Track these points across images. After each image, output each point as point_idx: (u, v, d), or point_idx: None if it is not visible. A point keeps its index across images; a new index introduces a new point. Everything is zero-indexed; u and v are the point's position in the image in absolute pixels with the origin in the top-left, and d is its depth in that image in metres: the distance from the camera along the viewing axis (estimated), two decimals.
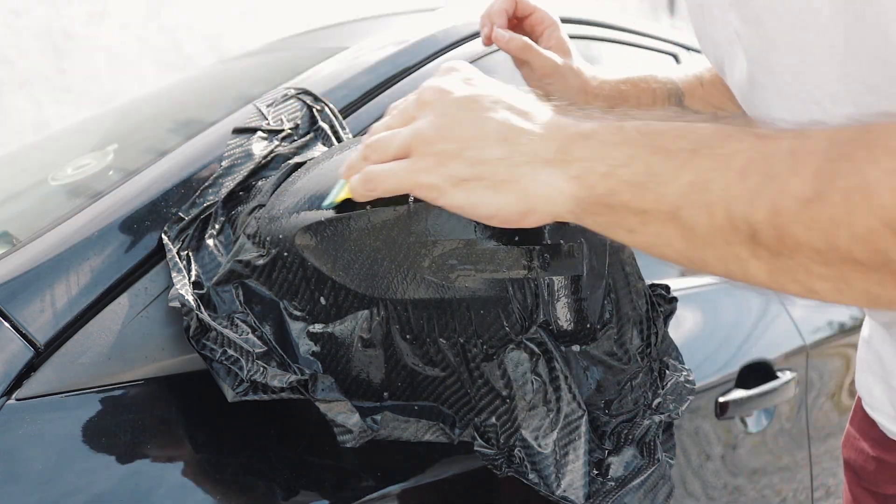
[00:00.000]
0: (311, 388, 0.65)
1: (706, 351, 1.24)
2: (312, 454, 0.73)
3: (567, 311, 0.66)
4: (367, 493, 0.73)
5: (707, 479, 1.19)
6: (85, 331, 0.69)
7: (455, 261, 0.63)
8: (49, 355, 0.66)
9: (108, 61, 4.01)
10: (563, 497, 0.66)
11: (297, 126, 0.85)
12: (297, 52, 1.29)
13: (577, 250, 0.64)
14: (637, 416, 0.73)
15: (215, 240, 0.76)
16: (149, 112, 1.32)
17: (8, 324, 0.66)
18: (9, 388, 0.63)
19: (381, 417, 0.69)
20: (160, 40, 4.16)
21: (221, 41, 4.30)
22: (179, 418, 0.71)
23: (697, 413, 1.18)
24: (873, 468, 0.86)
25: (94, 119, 1.51)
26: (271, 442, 0.73)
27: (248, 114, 0.88)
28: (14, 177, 1.25)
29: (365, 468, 0.74)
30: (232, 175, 0.80)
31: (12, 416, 0.62)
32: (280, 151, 0.81)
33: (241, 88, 1.18)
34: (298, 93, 0.89)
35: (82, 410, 0.66)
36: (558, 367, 0.66)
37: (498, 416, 0.68)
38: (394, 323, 0.67)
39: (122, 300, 0.72)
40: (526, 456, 0.67)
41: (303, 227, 0.67)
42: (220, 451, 0.71)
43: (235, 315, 0.71)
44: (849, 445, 0.91)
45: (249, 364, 0.66)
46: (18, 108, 3.77)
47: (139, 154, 1.00)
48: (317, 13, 4.38)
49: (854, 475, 0.89)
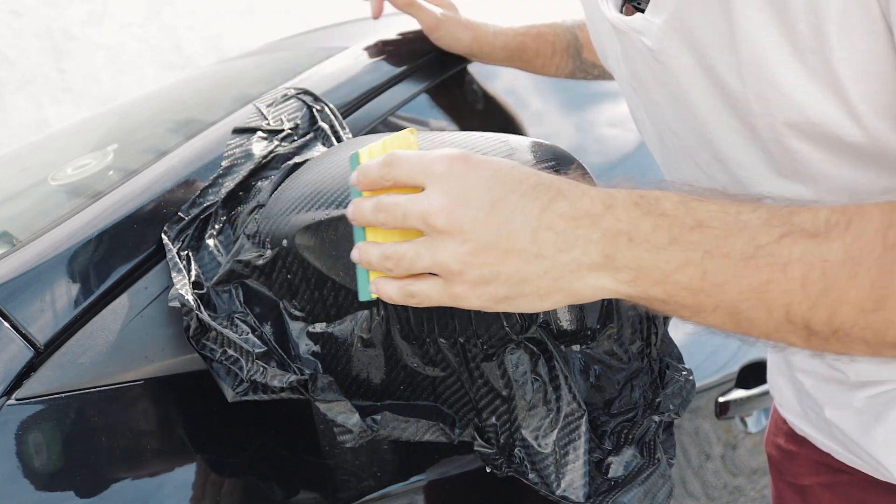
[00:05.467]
0: (310, 388, 0.65)
1: (706, 351, 1.24)
2: (312, 454, 0.73)
3: (567, 311, 0.66)
4: (367, 493, 0.73)
5: (707, 479, 1.19)
6: (85, 331, 0.69)
7: None
8: (49, 355, 0.66)
9: (108, 61, 4.01)
10: (563, 497, 0.66)
11: (296, 126, 0.85)
12: (297, 52, 1.29)
13: None
14: (637, 416, 0.73)
15: (215, 240, 0.76)
16: (149, 112, 1.32)
17: (8, 324, 0.66)
18: (9, 388, 0.63)
19: (380, 417, 0.69)
20: (160, 40, 4.16)
21: (221, 41, 4.30)
22: (179, 418, 0.71)
23: (697, 413, 1.18)
24: (790, 461, 0.90)
25: (94, 119, 1.51)
26: (271, 442, 0.73)
27: (248, 114, 0.88)
28: (14, 177, 1.24)
29: (365, 468, 0.74)
30: (232, 175, 0.80)
31: (12, 416, 0.62)
32: (280, 151, 0.81)
33: (241, 88, 1.18)
34: (298, 93, 0.89)
35: (82, 410, 0.66)
36: (558, 367, 0.66)
37: (498, 415, 0.68)
38: (394, 323, 0.67)
39: (122, 300, 0.72)
40: (526, 456, 0.67)
41: (303, 227, 0.67)
42: (220, 451, 0.71)
43: (235, 315, 0.71)
44: (769, 442, 0.96)
45: (249, 364, 0.66)
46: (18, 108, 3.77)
47: (139, 154, 1.00)
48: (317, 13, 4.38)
49: (777, 470, 0.95)
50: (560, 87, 1.32)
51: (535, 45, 1.10)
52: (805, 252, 0.48)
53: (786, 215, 0.49)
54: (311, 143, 0.84)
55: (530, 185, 0.51)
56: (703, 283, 0.49)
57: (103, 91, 3.95)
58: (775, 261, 0.48)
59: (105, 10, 4.03)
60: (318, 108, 0.88)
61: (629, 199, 0.51)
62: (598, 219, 0.51)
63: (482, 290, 0.52)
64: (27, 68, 3.82)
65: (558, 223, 0.50)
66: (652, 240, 0.50)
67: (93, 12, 4.00)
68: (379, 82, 1.00)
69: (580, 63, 1.13)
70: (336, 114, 0.88)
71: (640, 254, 0.50)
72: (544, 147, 0.66)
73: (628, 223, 0.50)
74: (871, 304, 0.47)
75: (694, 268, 0.49)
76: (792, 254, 0.48)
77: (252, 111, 0.88)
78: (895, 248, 0.46)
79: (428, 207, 0.51)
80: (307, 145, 0.83)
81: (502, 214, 0.50)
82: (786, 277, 0.48)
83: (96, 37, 4.00)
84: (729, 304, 0.50)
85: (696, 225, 0.50)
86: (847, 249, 0.47)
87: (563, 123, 1.33)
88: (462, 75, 1.14)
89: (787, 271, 0.48)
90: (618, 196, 0.51)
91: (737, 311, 0.50)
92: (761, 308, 0.49)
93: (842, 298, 0.47)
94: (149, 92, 1.61)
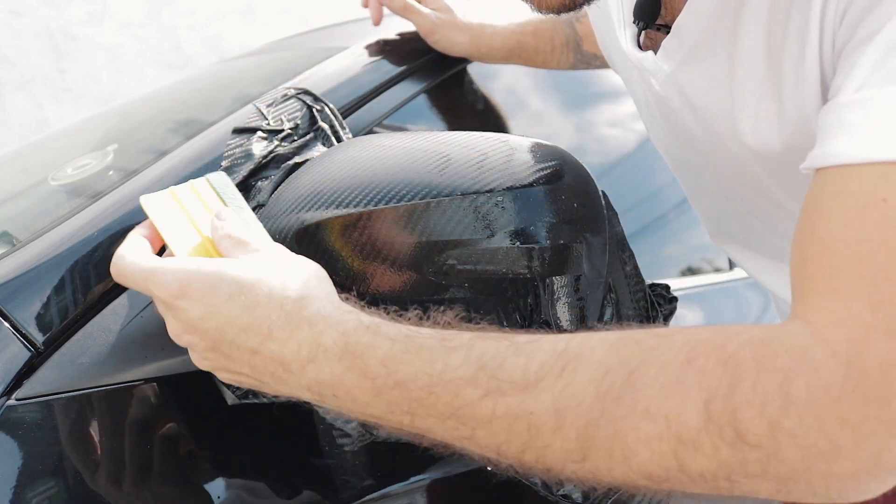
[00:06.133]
0: None
1: None
2: (312, 454, 0.73)
3: (567, 311, 0.66)
4: (367, 493, 0.73)
5: None
6: (85, 331, 0.69)
7: (455, 261, 0.63)
8: (49, 355, 0.66)
9: (108, 61, 4.01)
10: (563, 497, 0.66)
11: (296, 126, 0.85)
12: (297, 52, 1.29)
13: (577, 250, 0.64)
14: None
15: None
16: (149, 112, 1.32)
17: (8, 324, 0.66)
18: (9, 388, 0.63)
19: None
20: (160, 40, 4.16)
21: (221, 41, 4.30)
22: (179, 418, 0.71)
23: None
24: None
25: (94, 119, 1.51)
26: (271, 442, 0.73)
27: (248, 114, 0.88)
28: (14, 177, 1.24)
29: (365, 468, 0.74)
30: (232, 175, 0.80)
31: (12, 416, 0.62)
32: (280, 151, 0.81)
33: (241, 88, 1.18)
34: (298, 93, 0.89)
35: (82, 410, 0.66)
36: None
37: None
38: None
39: (122, 300, 0.72)
40: None
41: (303, 227, 0.67)
42: (220, 452, 0.71)
43: None
44: None
45: None
46: (18, 108, 3.77)
47: (139, 154, 1.00)
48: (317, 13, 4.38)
49: None
50: (560, 87, 1.32)
51: (534, 42, 1.10)
52: (510, 407, 0.48)
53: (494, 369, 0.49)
54: (311, 143, 0.84)
55: (241, 328, 0.55)
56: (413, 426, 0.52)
57: (103, 91, 3.95)
58: (478, 418, 0.49)
59: (105, 10, 4.03)
60: (318, 108, 0.88)
61: (333, 353, 0.52)
62: (302, 369, 0.53)
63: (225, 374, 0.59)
64: (27, 68, 3.82)
65: (270, 365, 0.55)
66: (354, 395, 0.52)
67: (93, 12, 4.00)
68: (379, 82, 1.00)
69: (581, 55, 1.13)
70: (336, 114, 0.88)
71: (346, 404, 0.53)
72: (544, 147, 0.66)
73: (331, 377, 0.52)
74: (576, 454, 0.47)
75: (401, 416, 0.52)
76: (495, 411, 0.49)
77: (252, 111, 0.88)
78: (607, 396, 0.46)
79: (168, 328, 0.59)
80: (307, 145, 0.83)
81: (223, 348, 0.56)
82: (490, 431, 0.49)
83: (96, 37, 4.00)
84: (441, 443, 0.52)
85: (397, 385, 0.51)
86: (555, 400, 0.47)
87: (563, 123, 1.33)
88: (462, 75, 1.14)
89: (492, 426, 0.49)
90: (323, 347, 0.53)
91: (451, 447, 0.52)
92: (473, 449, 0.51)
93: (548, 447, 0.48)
94: (149, 92, 1.61)
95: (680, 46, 0.65)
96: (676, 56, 0.65)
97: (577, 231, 0.64)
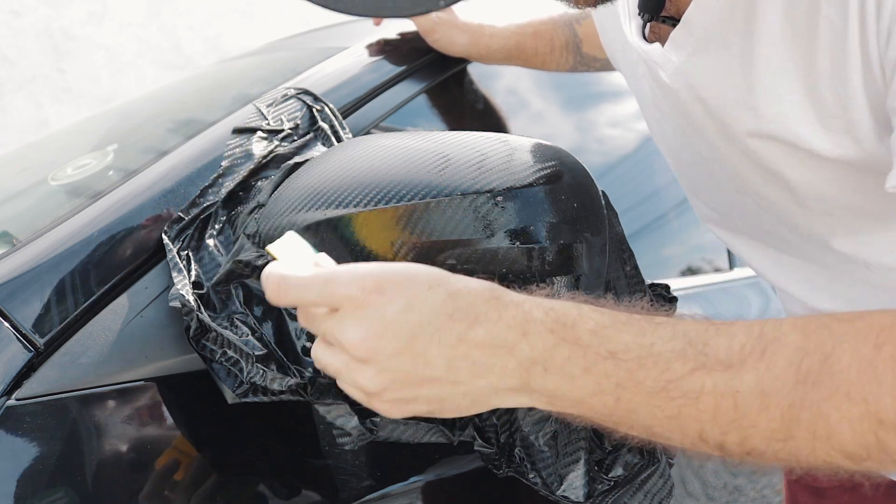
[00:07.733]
0: (310, 391, 0.65)
1: None
2: (312, 454, 0.73)
3: None
4: (367, 493, 0.73)
5: (707, 479, 1.19)
6: (85, 331, 0.69)
7: (455, 261, 0.63)
8: (49, 355, 0.66)
9: (108, 61, 4.01)
10: (563, 497, 0.66)
11: (296, 126, 0.85)
12: (297, 52, 1.29)
13: (577, 250, 0.64)
14: None
15: (215, 240, 0.76)
16: (149, 112, 1.32)
17: (8, 324, 0.66)
18: (9, 388, 0.63)
19: (379, 420, 0.69)
20: (160, 40, 4.16)
21: (221, 41, 4.30)
22: (179, 418, 0.71)
23: None
24: None
25: (94, 119, 1.51)
26: (271, 442, 0.73)
27: (248, 114, 0.88)
28: (14, 177, 1.24)
29: (365, 468, 0.74)
30: (232, 175, 0.80)
31: (12, 416, 0.62)
32: (280, 151, 0.81)
33: (241, 88, 1.18)
34: (298, 93, 0.89)
35: (82, 410, 0.66)
36: None
37: (498, 415, 0.68)
38: None
39: (122, 300, 0.72)
40: (526, 455, 0.67)
41: (303, 227, 0.67)
42: (220, 451, 0.71)
43: (235, 316, 0.71)
44: None
45: (249, 366, 0.66)
46: (18, 108, 3.77)
47: (139, 154, 1.00)
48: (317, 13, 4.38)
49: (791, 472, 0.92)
50: (560, 88, 1.32)
51: (534, 44, 1.10)
52: (717, 384, 0.49)
53: (700, 346, 0.50)
54: (311, 143, 0.84)
55: (446, 315, 0.52)
56: (617, 408, 0.51)
57: (103, 91, 3.95)
58: (687, 393, 0.50)
59: (105, 10, 4.03)
60: (318, 108, 0.88)
61: (545, 326, 0.52)
62: (513, 347, 0.52)
63: (403, 407, 0.54)
64: (27, 68, 3.83)
65: (474, 353, 0.52)
66: (566, 369, 0.51)
67: (93, 12, 4.00)
68: (379, 82, 1.00)
69: (581, 57, 1.13)
70: (336, 114, 0.88)
71: (555, 382, 0.52)
72: (545, 147, 0.66)
73: (543, 351, 0.51)
74: (781, 433, 0.48)
75: (607, 396, 0.51)
76: (704, 386, 0.49)
77: (252, 111, 0.88)
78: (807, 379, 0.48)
79: (345, 340, 0.52)
80: (307, 145, 0.83)
81: (418, 345, 0.51)
82: (697, 409, 0.50)
83: (96, 37, 4.00)
84: (643, 426, 0.52)
85: (610, 355, 0.51)
86: (759, 381, 0.49)
87: (563, 123, 1.33)
88: (462, 75, 1.14)
89: (699, 403, 0.49)
90: (534, 321, 0.52)
91: (651, 432, 0.52)
92: (675, 430, 0.51)
93: (753, 427, 0.49)
94: (149, 92, 1.61)
95: (689, 37, 0.64)
96: (686, 47, 0.65)
97: (577, 231, 0.64)
